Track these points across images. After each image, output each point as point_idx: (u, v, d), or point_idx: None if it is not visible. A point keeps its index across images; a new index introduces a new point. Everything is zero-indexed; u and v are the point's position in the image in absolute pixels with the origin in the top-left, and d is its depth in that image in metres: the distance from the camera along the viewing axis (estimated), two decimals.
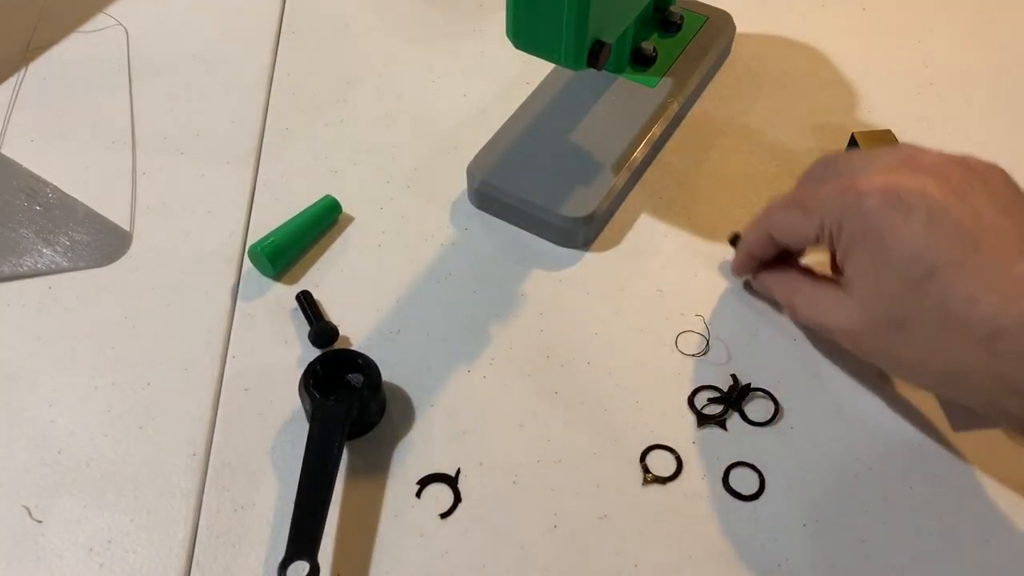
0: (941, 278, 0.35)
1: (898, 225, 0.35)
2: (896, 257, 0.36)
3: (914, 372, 0.38)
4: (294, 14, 0.68)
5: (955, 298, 0.34)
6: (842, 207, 0.38)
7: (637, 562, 0.41)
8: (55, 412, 0.46)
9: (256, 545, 0.42)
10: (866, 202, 0.37)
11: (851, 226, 0.37)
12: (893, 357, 0.39)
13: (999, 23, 0.67)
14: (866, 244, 0.37)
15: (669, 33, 0.61)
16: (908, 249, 0.35)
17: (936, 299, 0.35)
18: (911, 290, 0.35)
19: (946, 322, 0.35)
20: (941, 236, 0.35)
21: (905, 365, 0.38)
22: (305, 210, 0.53)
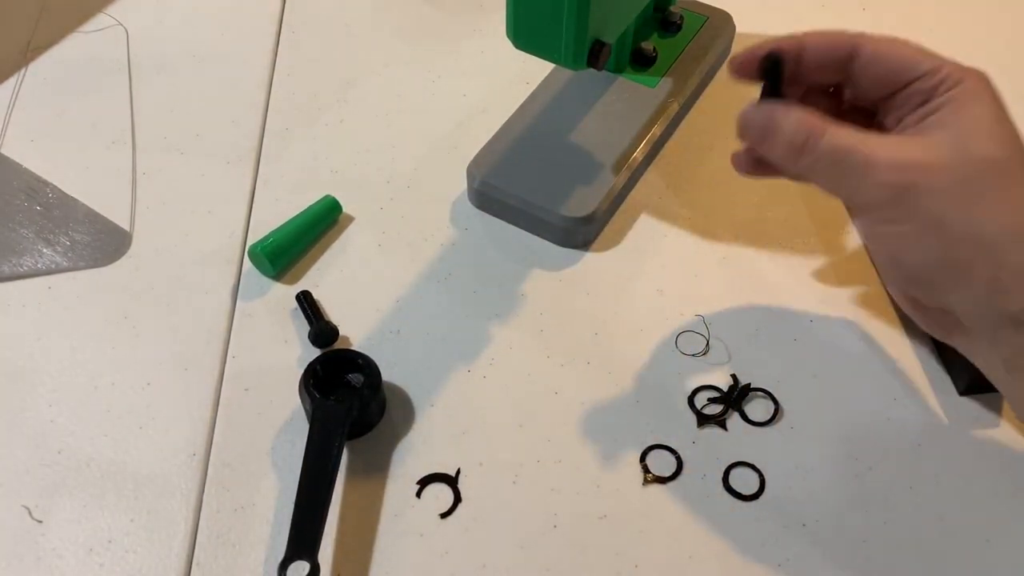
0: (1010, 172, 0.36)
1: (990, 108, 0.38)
2: (983, 131, 0.36)
3: (933, 239, 0.36)
4: (294, 14, 0.68)
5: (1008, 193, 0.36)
6: (969, 74, 0.39)
7: (637, 562, 0.41)
8: (55, 412, 0.46)
9: (256, 545, 0.42)
10: (985, 83, 0.39)
11: (972, 87, 0.38)
12: (926, 212, 0.36)
13: (999, 23, 0.67)
14: (977, 105, 0.37)
15: (669, 33, 0.61)
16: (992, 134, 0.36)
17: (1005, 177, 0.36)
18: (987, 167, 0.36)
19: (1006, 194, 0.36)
20: (1008, 134, 0.37)
21: (935, 226, 0.36)
22: (305, 210, 0.53)
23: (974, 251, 0.36)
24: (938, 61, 0.39)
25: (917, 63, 0.39)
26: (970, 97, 0.38)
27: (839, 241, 0.54)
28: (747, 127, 0.39)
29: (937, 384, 0.47)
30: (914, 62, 0.39)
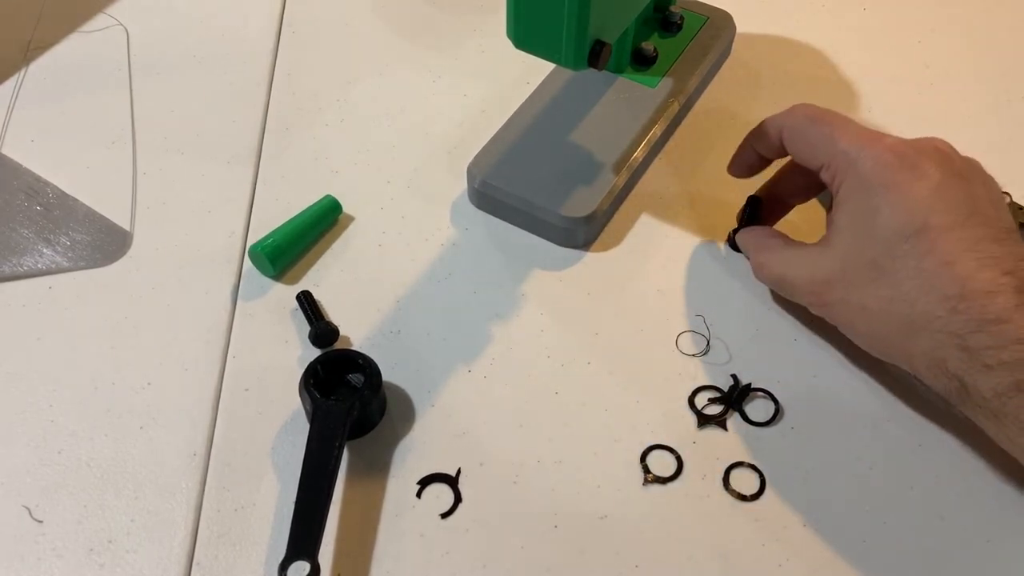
0: (929, 237, 0.39)
1: (908, 182, 0.40)
2: (896, 208, 0.39)
3: (871, 323, 0.41)
4: (294, 14, 0.68)
5: (935, 256, 0.38)
6: (864, 148, 0.41)
7: (637, 562, 0.41)
8: (55, 412, 0.46)
9: (256, 545, 0.42)
10: (886, 154, 0.40)
11: (864, 170, 0.41)
12: (858, 306, 0.41)
13: (999, 23, 0.67)
14: (872, 190, 0.40)
15: (669, 33, 0.61)
16: (909, 204, 0.39)
17: (918, 254, 0.39)
18: (897, 242, 0.39)
19: (920, 276, 0.38)
20: (940, 202, 0.39)
21: (866, 315, 0.41)
22: (305, 210, 0.53)
23: (891, 347, 0.41)
24: (840, 147, 0.42)
25: (819, 153, 0.44)
26: (862, 191, 0.41)
27: None
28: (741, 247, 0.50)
29: None
30: (817, 152, 0.44)
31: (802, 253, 0.45)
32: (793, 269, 0.45)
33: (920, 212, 0.39)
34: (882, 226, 0.40)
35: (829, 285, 0.42)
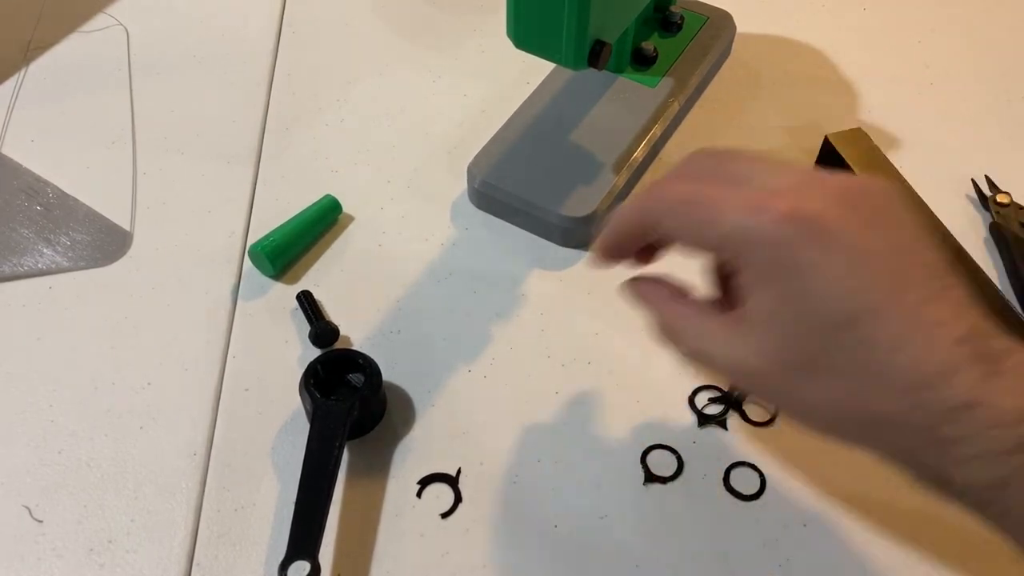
0: (863, 323, 0.32)
1: (819, 264, 0.33)
2: (817, 297, 0.33)
3: (823, 418, 0.35)
4: (294, 14, 0.68)
5: (877, 346, 0.32)
6: (755, 228, 0.33)
7: (637, 562, 0.41)
8: (55, 412, 0.46)
9: (256, 545, 0.42)
10: (784, 228, 0.33)
11: (765, 254, 0.33)
12: (799, 400, 0.35)
13: (999, 23, 0.67)
14: (780, 278, 0.33)
15: (669, 33, 0.61)
16: (832, 290, 0.32)
17: (855, 346, 0.32)
18: (831, 335, 0.33)
19: (865, 371, 0.33)
20: (864, 277, 0.32)
21: (815, 410, 0.35)
22: (305, 210, 0.53)
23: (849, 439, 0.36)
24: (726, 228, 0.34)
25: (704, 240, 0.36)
26: (769, 280, 0.34)
27: None
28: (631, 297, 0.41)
29: None
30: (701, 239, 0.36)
31: (722, 328, 0.36)
32: (715, 347, 0.36)
33: (846, 299, 0.32)
34: (804, 319, 0.33)
35: (764, 378, 0.35)
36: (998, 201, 0.54)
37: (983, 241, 0.53)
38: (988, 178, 0.55)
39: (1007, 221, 0.53)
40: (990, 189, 0.55)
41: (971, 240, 0.53)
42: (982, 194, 0.55)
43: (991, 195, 0.54)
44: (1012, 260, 0.51)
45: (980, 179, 0.56)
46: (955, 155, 0.58)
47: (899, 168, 0.54)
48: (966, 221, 0.54)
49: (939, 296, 0.32)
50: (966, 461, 0.31)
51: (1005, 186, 0.55)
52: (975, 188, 0.55)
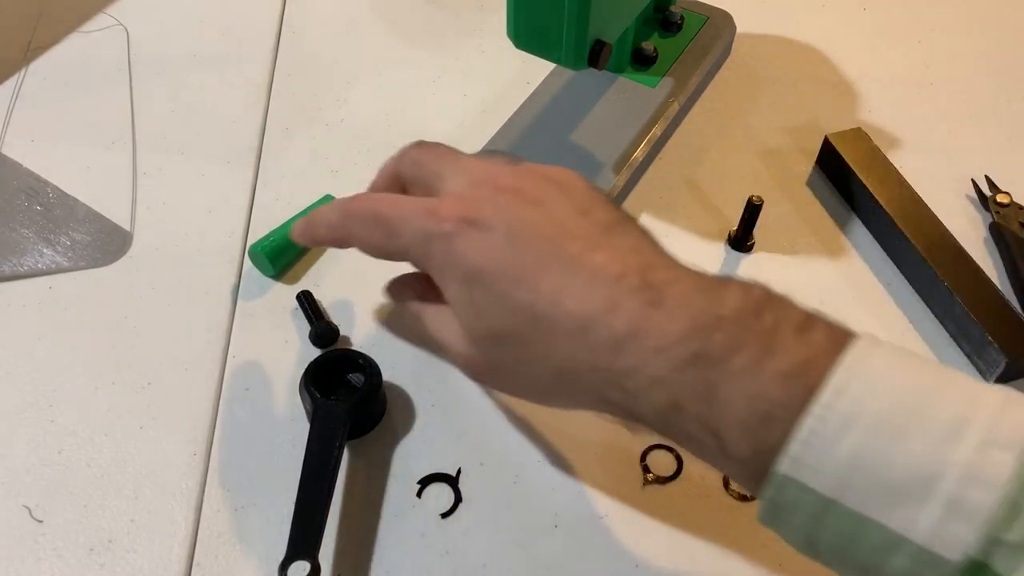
0: (525, 285, 0.35)
1: (479, 243, 0.36)
2: (482, 275, 0.36)
3: (531, 385, 0.38)
4: (294, 14, 0.68)
5: (540, 300, 0.34)
6: (426, 234, 0.38)
7: (637, 562, 0.41)
8: (55, 412, 0.46)
9: (256, 545, 0.42)
10: (445, 227, 0.37)
11: (437, 253, 0.37)
12: (507, 374, 0.38)
13: (999, 23, 0.67)
14: (454, 267, 0.37)
15: (669, 33, 0.61)
16: (492, 265, 0.36)
17: (525, 306, 0.35)
18: (501, 304, 0.36)
19: (538, 326, 0.35)
20: (520, 246, 0.35)
21: (518, 380, 0.38)
22: (305, 210, 0.53)
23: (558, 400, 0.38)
24: (404, 241, 0.39)
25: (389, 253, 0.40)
26: (447, 272, 0.37)
27: (838, 241, 0.54)
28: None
29: None
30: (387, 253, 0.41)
31: (440, 317, 0.40)
32: (439, 334, 0.40)
33: (505, 268, 0.35)
34: (480, 297, 0.36)
35: (473, 360, 0.39)
36: (998, 201, 0.54)
37: (983, 241, 0.53)
38: (988, 178, 0.55)
39: (1007, 221, 0.53)
40: (990, 189, 0.55)
41: (971, 240, 0.53)
42: (982, 194, 0.55)
43: (991, 195, 0.54)
44: (1012, 260, 0.51)
45: (980, 179, 0.56)
46: (955, 155, 0.58)
47: (899, 168, 0.54)
48: (966, 221, 0.54)
49: (602, 244, 0.35)
50: (643, 390, 0.33)
51: (1005, 186, 0.55)
52: (975, 188, 0.55)
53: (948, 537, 0.28)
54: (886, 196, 0.52)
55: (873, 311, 0.50)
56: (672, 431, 0.34)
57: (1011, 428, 0.28)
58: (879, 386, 0.30)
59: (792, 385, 0.30)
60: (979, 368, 0.47)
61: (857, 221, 0.55)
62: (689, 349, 0.32)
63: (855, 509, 0.29)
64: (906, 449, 0.28)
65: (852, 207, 0.55)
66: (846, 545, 0.30)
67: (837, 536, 0.30)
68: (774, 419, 0.30)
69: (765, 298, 0.33)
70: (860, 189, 0.53)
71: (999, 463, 0.28)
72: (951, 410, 0.29)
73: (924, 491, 0.28)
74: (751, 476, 0.33)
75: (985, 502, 0.27)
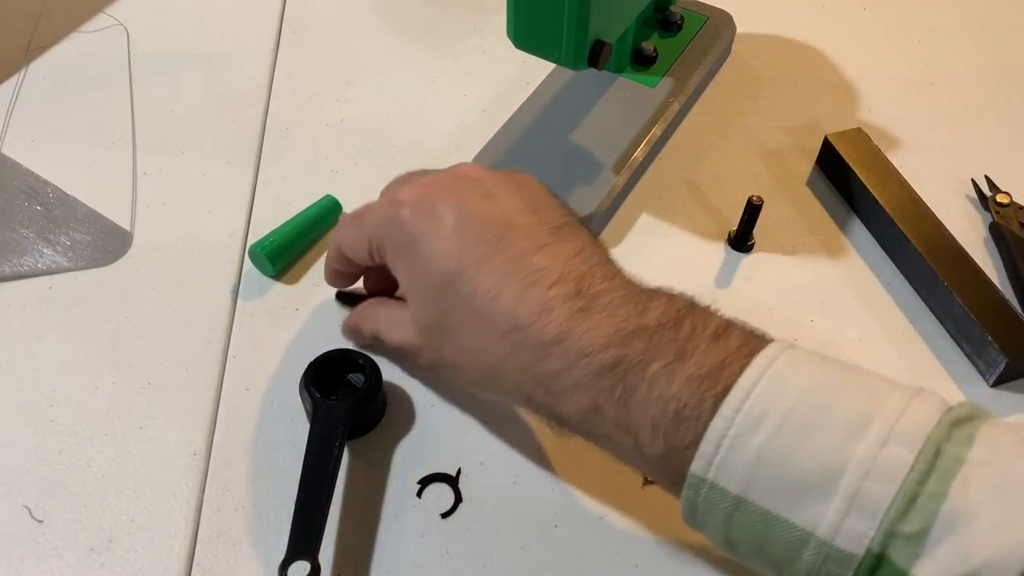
0: (467, 277, 0.36)
1: (429, 230, 0.37)
2: (428, 260, 0.37)
3: (467, 376, 0.39)
4: (294, 14, 0.68)
5: (478, 295, 0.36)
6: (384, 218, 0.39)
7: (637, 562, 0.41)
8: (55, 412, 0.46)
9: (256, 545, 0.42)
10: (401, 211, 0.38)
11: (392, 236, 0.39)
12: (448, 364, 0.39)
13: (999, 23, 0.67)
14: (406, 252, 0.38)
15: (669, 33, 0.61)
16: (437, 251, 0.37)
17: (464, 298, 0.36)
18: (444, 293, 0.37)
19: (474, 320, 0.36)
20: (467, 236, 0.36)
21: (458, 370, 0.39)
22: (305, 210, 0.53)
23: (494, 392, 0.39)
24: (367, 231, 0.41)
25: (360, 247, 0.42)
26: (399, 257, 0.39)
27: (838, 241, 0.54)
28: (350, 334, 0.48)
29: (961, 376, 0.47)
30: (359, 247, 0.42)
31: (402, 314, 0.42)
32: (398, 334, 0.43)
33: (449, 256, 0.36)
34: (426, 284, 0.38)
35: (420, 349, 0.41)
36: (998, 201, 0.54)
37: (983, 241, 0.53)
38: (988, 178, 0.55)
39: (1007, 221, 0.53)
40: (990, 189, 0.55)
41: (971, 240, 0.53)
42: (982, 194, 0.55)
43: (991, 195, 0.54)
44: (1012, 260, 0.51)
45: (980, 179, 0.56)
46: (955, 155, 0.58)
47: (899, 168, 0.54)
48: (966, 221, 0.54)
49: (545, 248, 0.36)
50: (566, 392, 0.34)
51: (1005, 186, 0.55)
52: (975, 188, 0.55)
53: (849, 531, 0.28)
54: (886, 196, 0.52)
55: (873, 311, 0.50)
56: (593, 433, 0.35)
57: (913, 423, 0.29)
58: (787, 386, 0.30)
59: (703, 387, 0.31)
60: (979, 368, 0.47)
61: (857, 221, 0.55)
62: (610, 356, 0.33)
63: (764, 506, 0.30)
64: (811, 446, 0.29)
65: (852, 207, 0.55)
66: (760, 543, 0.31)
67: (750, 534, 0.31)
68: (685, 420, 0.31)
69: (688, 307, 0.34)
70: (860, 189, 0.53)
71: (897, 457, 0.28)
72: (856, 408, 0.29)
73: (828, 487, 0.29)
74: (669, 477, 0.33)
75: (883, 495, 0.28)
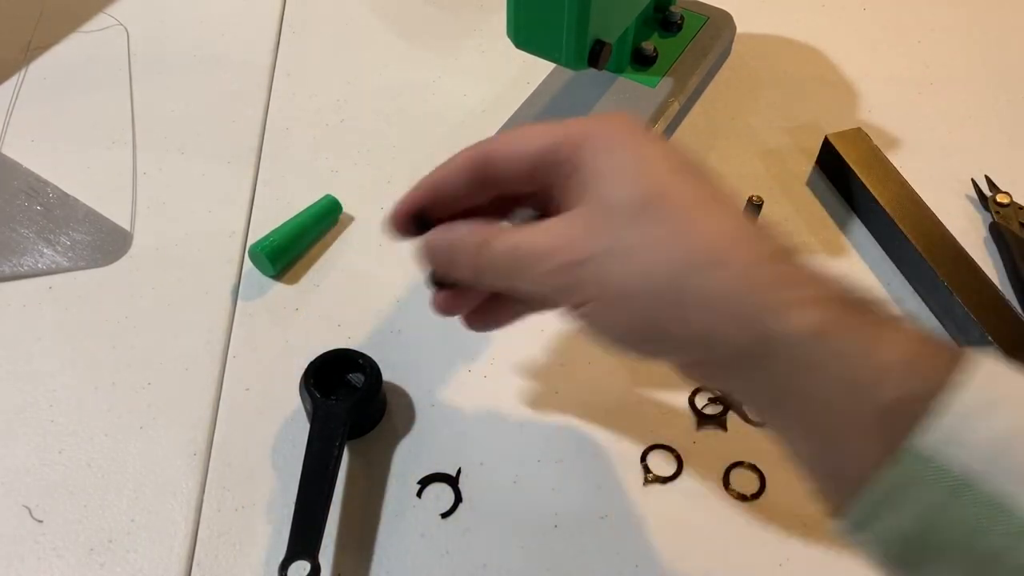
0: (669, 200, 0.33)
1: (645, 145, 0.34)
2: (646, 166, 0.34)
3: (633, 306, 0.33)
4: (294, 14, 0.68)
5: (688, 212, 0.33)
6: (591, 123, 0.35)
7: (637, 562, 0.41)
8: (55, 412, 0.46)
9: (257, 545, 0.42)
10: (614, 120, 0.35)
11: (600, 136, 0.35)
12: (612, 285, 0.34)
13: (999, 23, 0.67)
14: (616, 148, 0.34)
15: (669, 33, 0.61)
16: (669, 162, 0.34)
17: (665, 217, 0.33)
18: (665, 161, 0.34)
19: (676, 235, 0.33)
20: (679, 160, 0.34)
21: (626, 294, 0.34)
22: (305, 210, 0.53)
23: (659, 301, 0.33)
24: (558, 133, 0.36)
25: (536, 143, 0.36)
26: (595, 154, 0.35)
27: (838, 241, 0.54)
28: (432, 253, 0.39)
29: None
30: (535, 143, 0.36)
31: (541, 224, 0.35)
32: (529, 236, 0.35)
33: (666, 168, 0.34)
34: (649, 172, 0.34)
35: (573, 248, 0.34)
36: (998, 201, 0.54)
37: (983, 241, 0.53)
38: (988, 178, 0.55)
39: (1007, 221, 0.53)
40: (990, 189, 0.55)
41: (971, 240, 0.53)
42: (982, 194, 0.55)
43: (991, 195, 0.54)
44: (1012, 260, 0.51)
45: (980, 179, 0.56)
46: (955, 155, 0.58)
47: (899, 168, 0.54)
48: (966, 221, 0.54)
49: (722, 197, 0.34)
50: (791, 306, 0.31)
51: (1005, 186, 0.55)
52: (975, 188, 0.55)
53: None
54: (886, 196, 0.52)
55: None
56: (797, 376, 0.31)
57: None
58: (1018, 377, 0.29)
59: (938, 358, 0.29)
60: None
61: (857, 221, 0.55)
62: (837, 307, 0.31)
63: (994, 490, 0.28)
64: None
65: (852, 207, 0.55)
66: (970, 534, 0.28)
67: (961, 524, 0.28)
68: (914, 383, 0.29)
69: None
70: (860, 189, 0.53)
71: None
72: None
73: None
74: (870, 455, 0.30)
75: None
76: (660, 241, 0.33)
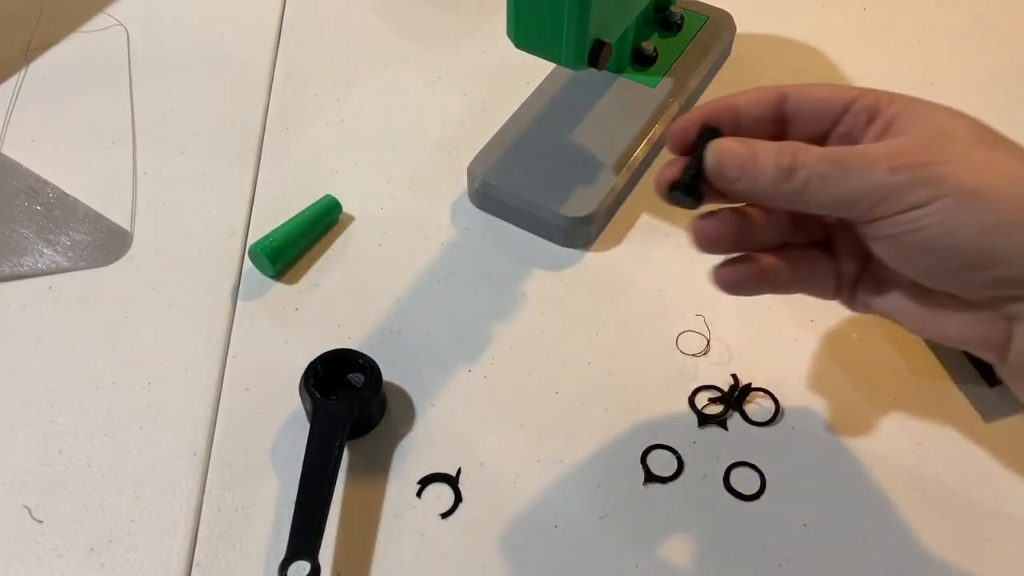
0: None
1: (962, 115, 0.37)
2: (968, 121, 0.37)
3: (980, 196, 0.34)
4: (294, 14, 0.68)
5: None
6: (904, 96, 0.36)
7: (637, 562, 0.41)
8: (55, 412, 0.46)
9: (257, 545, 0.42)
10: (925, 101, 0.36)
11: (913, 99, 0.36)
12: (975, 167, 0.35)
13: (999, 23, 0.67)
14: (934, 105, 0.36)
15: (669, 33, 0.61)
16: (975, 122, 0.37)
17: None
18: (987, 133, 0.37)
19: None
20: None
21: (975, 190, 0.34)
22: (305, 210, 0.53)
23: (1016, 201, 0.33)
24: (854, 89, 0.37)
25: (846, 91, 0.37)
26: (911, 103, 0.36)
27: None
28: (721, 166, 0.37)
29: (960, 375, 0.47)
30: (843, 91, 0.37)
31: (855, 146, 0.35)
32: (854, 149, 0.34)
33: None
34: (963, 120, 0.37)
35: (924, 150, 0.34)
36: None
37: None
38: None
39: None
40: None
41: None
42: None
43: None
44: None
45: None
46: None
47: None
48: None
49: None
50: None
51: None
52: None
53: None
54: None
55: None
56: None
57: None
58: None
59: None
60: (979, 367, 0.47)
61: None
62: None
63: None
64: None
65: None
66: None
67: None
68: None
69: None
70: None
71: None
72: None
73: None
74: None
75: None
76: (1011, 159, 0.35)
